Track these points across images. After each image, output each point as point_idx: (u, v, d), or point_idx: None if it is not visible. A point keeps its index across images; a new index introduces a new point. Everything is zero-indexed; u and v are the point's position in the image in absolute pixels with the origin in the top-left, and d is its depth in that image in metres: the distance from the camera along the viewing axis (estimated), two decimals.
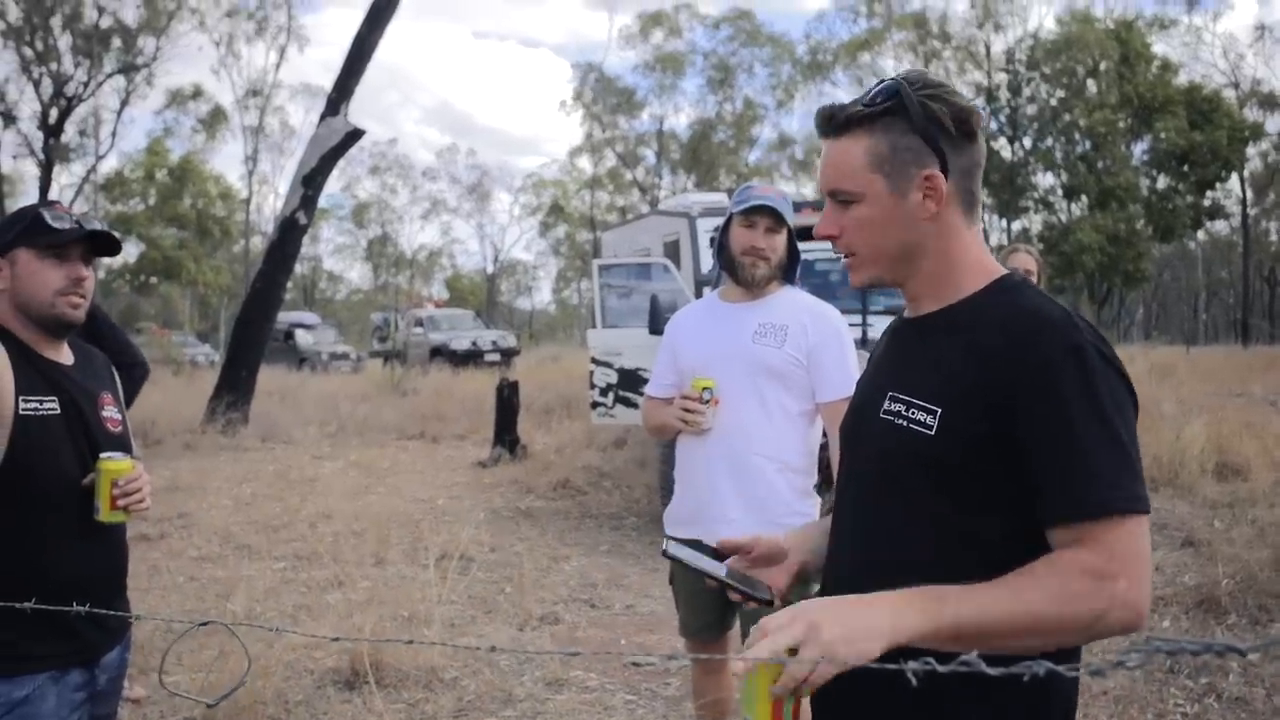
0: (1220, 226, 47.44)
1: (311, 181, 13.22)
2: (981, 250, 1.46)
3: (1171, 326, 55.35)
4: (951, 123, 1.38)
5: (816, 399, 2.88)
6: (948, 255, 1.43)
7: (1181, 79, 39.39)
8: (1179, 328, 53.25)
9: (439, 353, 24.55)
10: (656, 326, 7.09)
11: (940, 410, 1.34)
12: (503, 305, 62.41)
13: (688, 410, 2.87)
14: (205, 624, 1.42)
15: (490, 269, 60.94)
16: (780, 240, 2.93)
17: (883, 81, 1.43)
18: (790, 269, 2.99)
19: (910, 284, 1.47)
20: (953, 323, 1.41)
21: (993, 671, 0.93)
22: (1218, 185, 39.61)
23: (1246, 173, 42.95)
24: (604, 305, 8.61)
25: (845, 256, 1.48)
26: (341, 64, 13.83)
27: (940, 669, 0.95)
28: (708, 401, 2.85)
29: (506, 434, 10.74)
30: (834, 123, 1.43)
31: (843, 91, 46.35)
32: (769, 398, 2.86)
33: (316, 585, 5.71)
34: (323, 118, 13.58)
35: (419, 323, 27.30)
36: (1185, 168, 37.64)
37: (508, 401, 10.86)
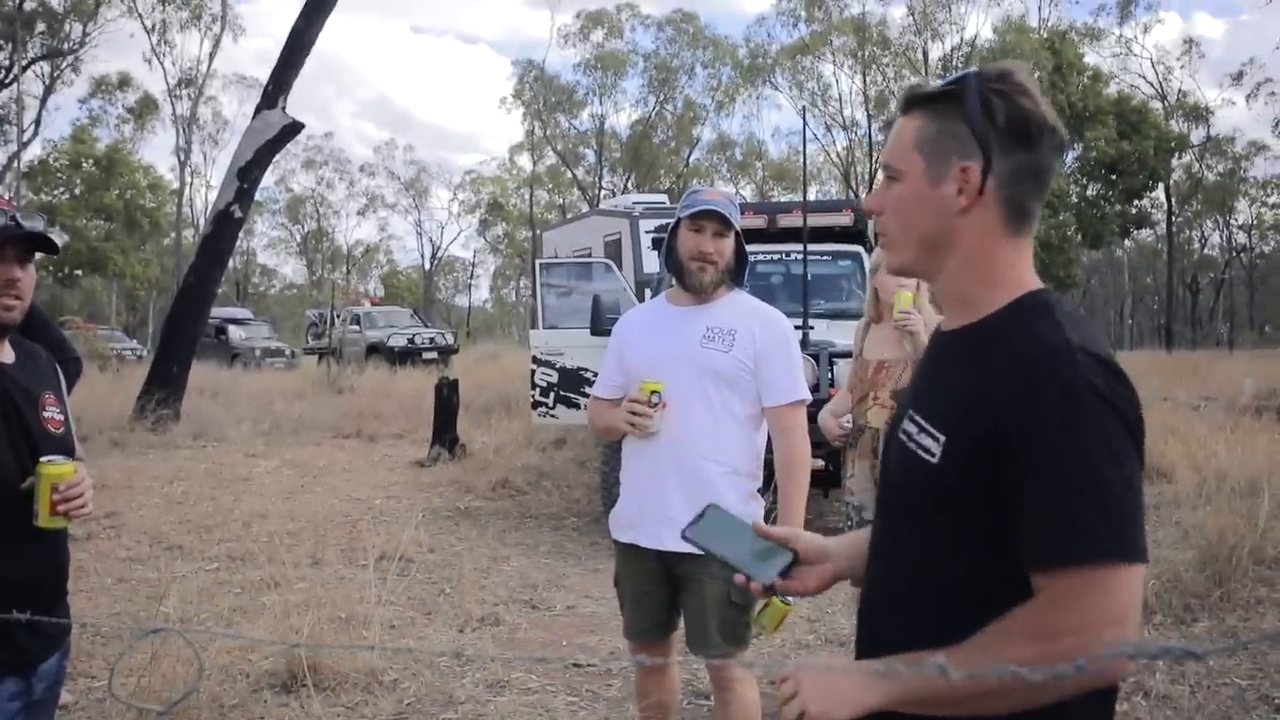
0: (1146, 234, 48.75)
1: (247, 175, 12.98)
2: (1021, 264, 1.37)
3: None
4: (1005, 122, 1.32)
5: (763, 403, 2.91)
6: (977, 259, 1.36)
7: (1111, 90, 40.33)
8: (1106, 332, 54.50)
9: (375, 350, 24.32)
10: (599, 327, 7.11)
11: (944, 438, 1.29)
12: (440, 303, 61.84)
13: (635, 413, 2.87)
14: (157, 631, 1.38)
15: (428, 266, 60.39)
16: (728, 244, 2.94)
17: (962, 69, 1.43)
18: (739, 272, 3.01)
19: (939, 282, 1.42)
20: (970, 343, 1.36)
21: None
22: (1144, 194, 40.64)
23: (1171, 182, 44.16)
24: (545, 305, 8.58)
25: (880, 236, 1.46)
26: (279, 56, 13.60)
27: None
28: (656, 405, 2.85)
29: (446, 433, 10.65)
30: (906, 101, 1.41)
31: (783, 95, 46.75)
32: (716, 402, 2.88)
33: (252, 586, 5.60)
34: (258, 110, 13.34)
35: (355, 319, 26.93)
36: (1114, 177, 38.54)
37: (447, 401, 10.77)
